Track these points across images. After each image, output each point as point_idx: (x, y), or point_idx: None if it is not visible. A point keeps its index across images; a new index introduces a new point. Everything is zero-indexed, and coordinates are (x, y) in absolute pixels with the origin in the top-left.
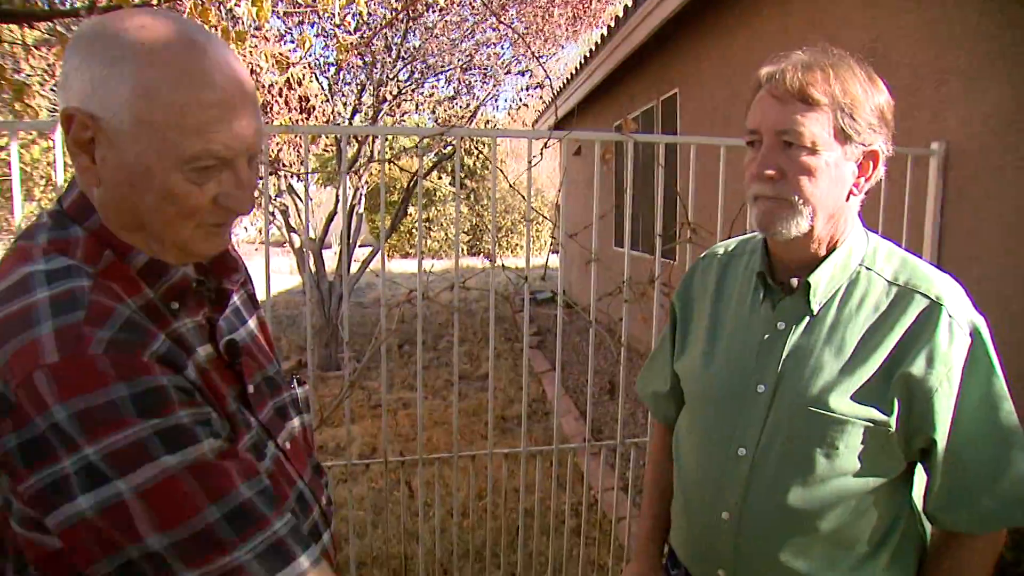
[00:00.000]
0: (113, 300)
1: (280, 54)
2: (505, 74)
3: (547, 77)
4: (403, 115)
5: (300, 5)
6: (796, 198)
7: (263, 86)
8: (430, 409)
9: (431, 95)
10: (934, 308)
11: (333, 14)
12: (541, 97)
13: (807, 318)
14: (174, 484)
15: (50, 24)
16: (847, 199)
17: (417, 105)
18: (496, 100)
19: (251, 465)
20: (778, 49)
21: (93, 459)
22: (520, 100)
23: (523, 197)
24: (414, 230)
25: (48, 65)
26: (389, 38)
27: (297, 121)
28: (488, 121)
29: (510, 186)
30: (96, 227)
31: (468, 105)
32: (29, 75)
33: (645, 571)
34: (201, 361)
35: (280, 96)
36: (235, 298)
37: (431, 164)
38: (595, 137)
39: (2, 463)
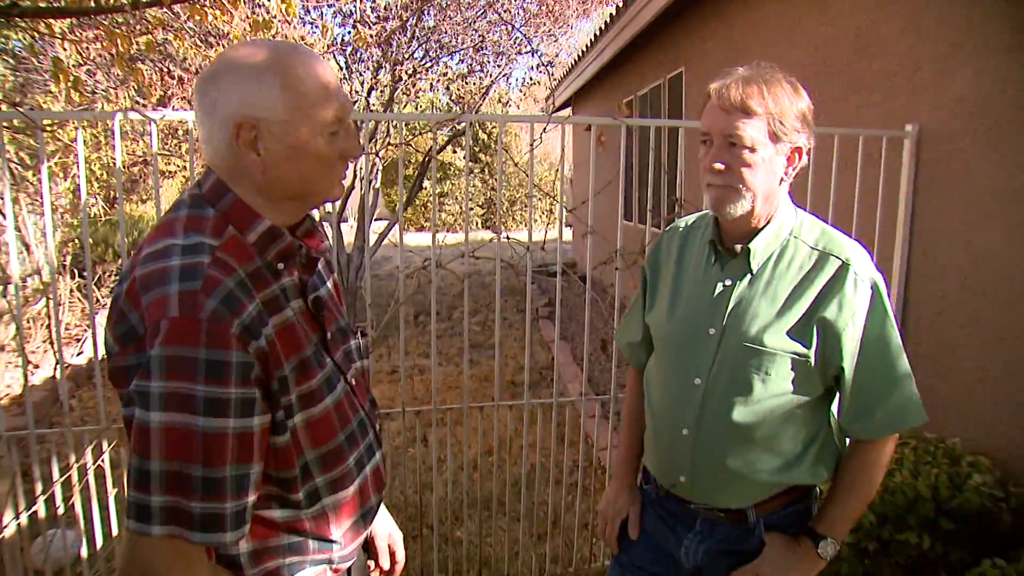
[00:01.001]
0: (224, 274)
1: (301, 38)
2: (516, 54)
3: (551, 61)
4: (418, 93)
5: None
6: (740, 186)
7: None
8: (444, 374)
9: (444, 73)
10: (844, 267)
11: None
12: (551, 74)
13: (748, 276)
14: (189, 436)
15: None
16: (779, 184)
17: (431, 84)
18: (508, 78)
19: (248, 453)
20: (777, 32)
21: (154, 390)
22: (530, 79)
23: (526, 174)
24: (429, 204)
25: (82, 48)
26: (404, 19)
27: None
28: (500, 99)
29: (515, 164)
30: (227, 207)
31: (482, 82)
32: (66, 62)
33: (622, 488)
34: (292, 315)
35: None
36: (320, 266)
37: (445, 140)
38: (591, 121)
39: (119, 370)
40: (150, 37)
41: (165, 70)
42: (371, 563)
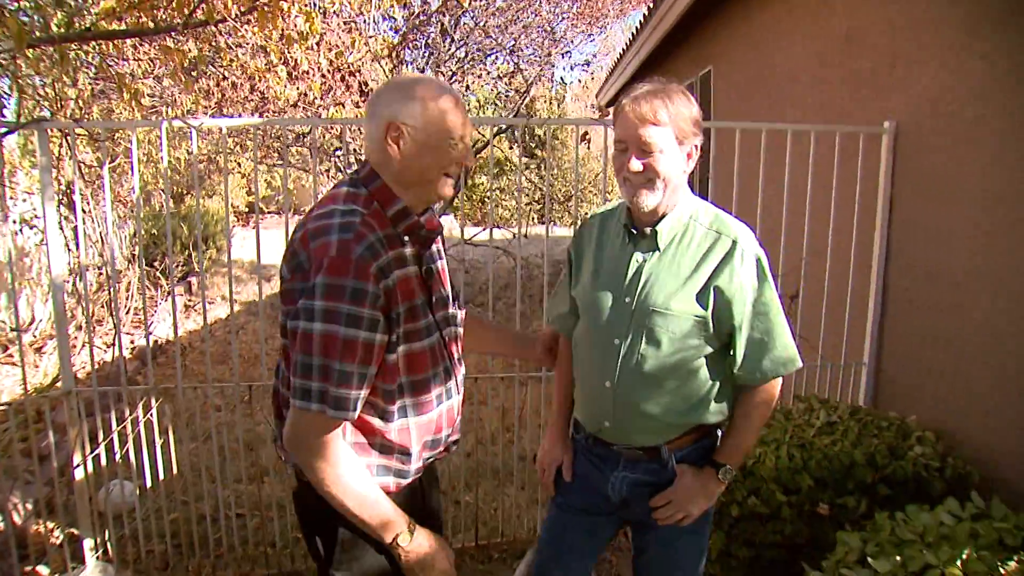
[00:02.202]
0: (368, 231)
1: (340, 44)
2: (546, 56)
3: (588, 61)
4: (466, 90)
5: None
6: (655, 181)
7: (325, 74)
8: (476, 358)
9: (479, 76)
10: (734, 245)
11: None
12: (592, 74)
13: (656, 253)
14: (335, 340)
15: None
16: (682, 176)
17: (467, 86)
18: (551, 78)
19: (369, 358)
20: (785, 32)
21: (317, 307)
22: (561, 79)
23: (534, 175)
24: (486, 199)
25: (146, 62)
26: (445, 24)
27: (358, 104)
28: (555, 97)
29: (502, 160)
30: (375, 188)
31: (526, 82)
32: (129, 76)
33: (556, 439)
34: (411, 273)
35: (343, 82)
36: (435, 247)
37: (490, 136)
38: (574, 122)
39: (288, 292)
40: (200, 51)
41: (221, 76)
42: None
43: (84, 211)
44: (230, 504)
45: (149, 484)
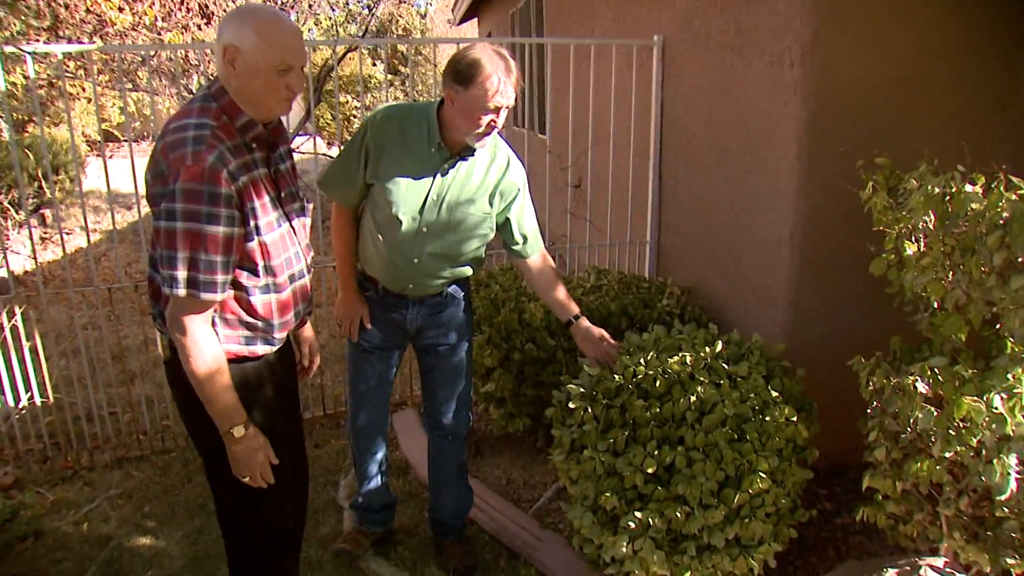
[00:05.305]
0: (218, 142)
1: None
2: None
3: None
4: (308, 8)
5: None
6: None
7: None
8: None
9: None
10: (510, 159)
11: None
12: None
13: (458, 166)
14: (196, 235)
15: None
16: None
17: (309, 4)
18: None
19: (229, 248)
20: None
21: (176, 208)
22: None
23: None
24: (352, 117)
25: None
26: None
27: (200, 27)
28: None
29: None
30: (224, 103)
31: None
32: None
33: (350, 296)
34: (260, 175)
35: (183, 4)
36: (283, 150)
37: (342, 53)
38: (383, 42)
39: (152, 196)
40: None
41: None
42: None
43: None
44: (102, 405)
45: (22, 391)
